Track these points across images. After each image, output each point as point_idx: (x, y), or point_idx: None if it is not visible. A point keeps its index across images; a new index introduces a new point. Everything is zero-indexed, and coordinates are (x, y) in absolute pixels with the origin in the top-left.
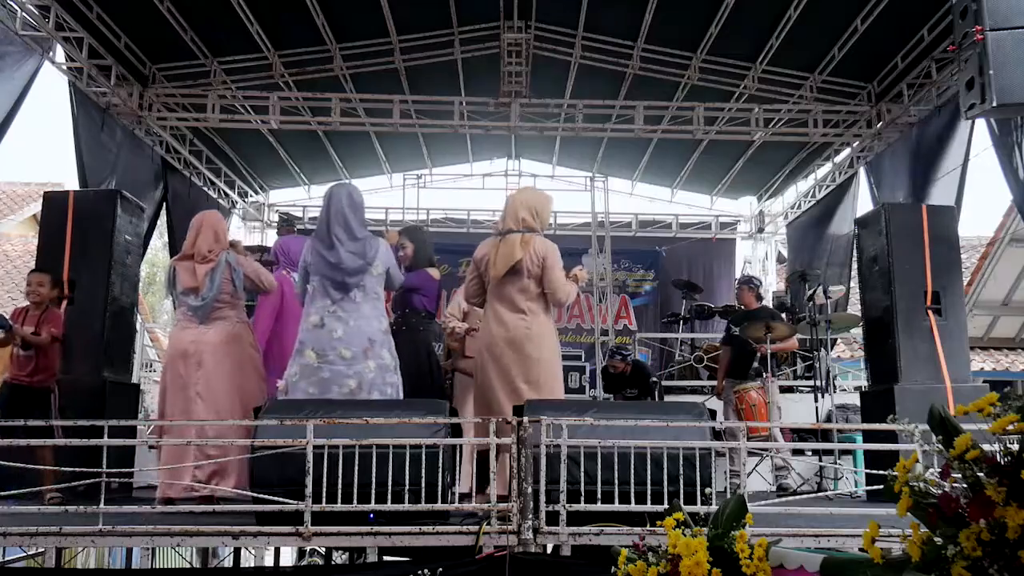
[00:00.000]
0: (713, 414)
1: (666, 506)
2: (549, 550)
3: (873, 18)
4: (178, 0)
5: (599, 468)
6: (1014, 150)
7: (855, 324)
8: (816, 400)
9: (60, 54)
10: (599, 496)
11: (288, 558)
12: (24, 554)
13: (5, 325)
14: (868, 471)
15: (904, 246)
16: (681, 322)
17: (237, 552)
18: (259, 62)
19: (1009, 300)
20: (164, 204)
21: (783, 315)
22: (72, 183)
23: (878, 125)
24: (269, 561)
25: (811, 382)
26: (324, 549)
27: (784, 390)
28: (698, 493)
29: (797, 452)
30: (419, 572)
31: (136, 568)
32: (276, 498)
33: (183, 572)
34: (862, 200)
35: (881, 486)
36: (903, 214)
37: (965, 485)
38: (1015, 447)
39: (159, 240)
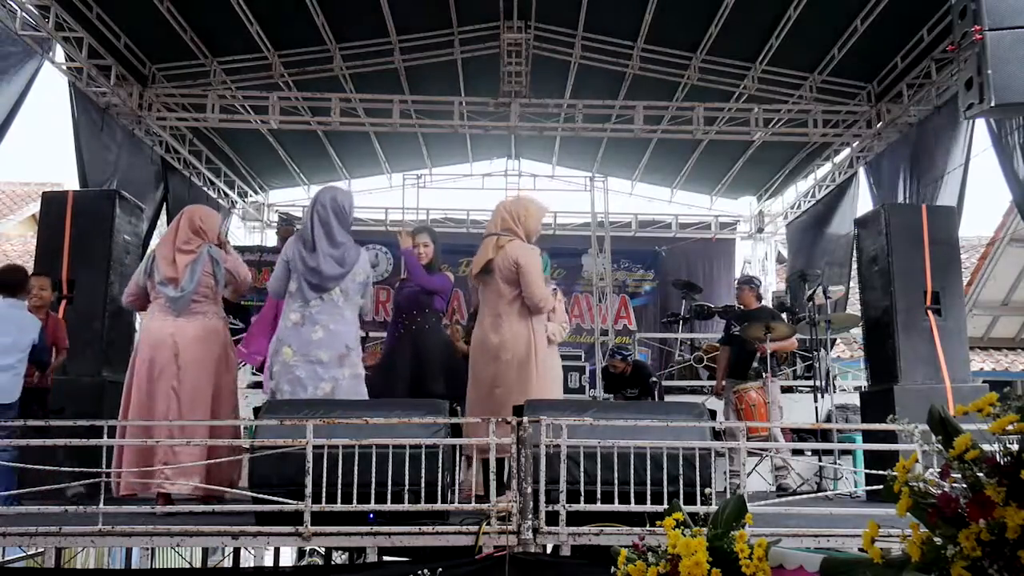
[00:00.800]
0: (713, 414)
1: (666, 506)
2: (549, 550)
3: (873, 18)
4: (178, 0)
5: (599, 468)
6: (1015, 150)
7: (855, 324)
8: (816, 400)
9: (60, 54)
10: (599, 496)
11: (288, 558)
12: (24, 554)
13: (43, 365)
14: (868, 471)
15: (904, 246)
16: (681, 322)
17: (237, 552)
18: (259, 62)
19: (1009, 300)
20: (164, 204)
21: (783, 315)
22: (72, 183)
23: (878, 125)
24: (269, 561)
25: (811, 382)
26: (324, 549)
27: (784, 390)
28: (698, 493)
29: (797, 452)
30: (419, 572)
31: (136, 568)
32: (276, 498)
33: (183, 572)
34: (862, 200)
35: (881, 486)
36: (903, 214)
37: (965, 485)
38: (1015, 447)
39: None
